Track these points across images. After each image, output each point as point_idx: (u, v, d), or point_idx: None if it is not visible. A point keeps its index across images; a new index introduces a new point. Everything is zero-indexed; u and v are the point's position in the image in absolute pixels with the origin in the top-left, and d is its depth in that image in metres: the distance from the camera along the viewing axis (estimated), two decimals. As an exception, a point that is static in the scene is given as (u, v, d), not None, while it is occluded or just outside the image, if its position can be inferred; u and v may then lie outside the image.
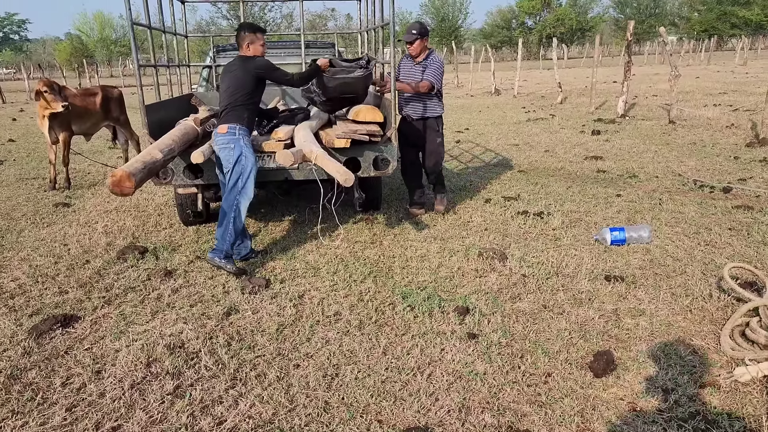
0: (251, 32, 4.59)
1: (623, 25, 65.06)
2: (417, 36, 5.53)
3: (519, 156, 9.10)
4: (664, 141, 9.90)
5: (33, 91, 7.25)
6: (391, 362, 3.22)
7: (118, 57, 63.03)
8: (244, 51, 4.62)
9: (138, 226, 5.82)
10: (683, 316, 3.66)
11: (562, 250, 4.84)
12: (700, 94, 17.17)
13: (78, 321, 3.76)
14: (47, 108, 6.99)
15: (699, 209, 5.82)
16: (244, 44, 4.59)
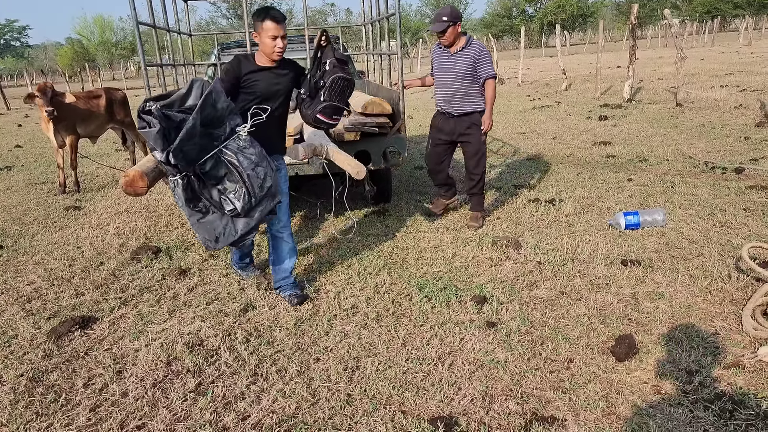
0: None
1: (625, 9, 64.84)
2: (449, 23, 4.79)
3: (527, 144, 9.06)
4: (672, 124, 9.83)
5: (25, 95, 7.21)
6: (411, 353, 3.21)
7: (119, 59, 63.13)
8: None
9: (150, 226, 5.82)
10: (703, 298, 3.64)
11: (577, 236, 4.82)
12: (706, 76, 17.03)
13: (96, 322, 3.76)
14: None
15: (712, 191, 5.78)
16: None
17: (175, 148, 2.96)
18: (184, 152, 3.02)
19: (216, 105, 3.11)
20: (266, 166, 3.30)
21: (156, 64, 5.86)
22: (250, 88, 3.50)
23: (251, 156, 3.23)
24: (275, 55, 3.47)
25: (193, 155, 3.08)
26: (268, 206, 3.39)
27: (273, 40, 3.40)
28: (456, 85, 4.94)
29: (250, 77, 3.49)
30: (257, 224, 3.42)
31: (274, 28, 3.38)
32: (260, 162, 3.26)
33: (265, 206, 3.37)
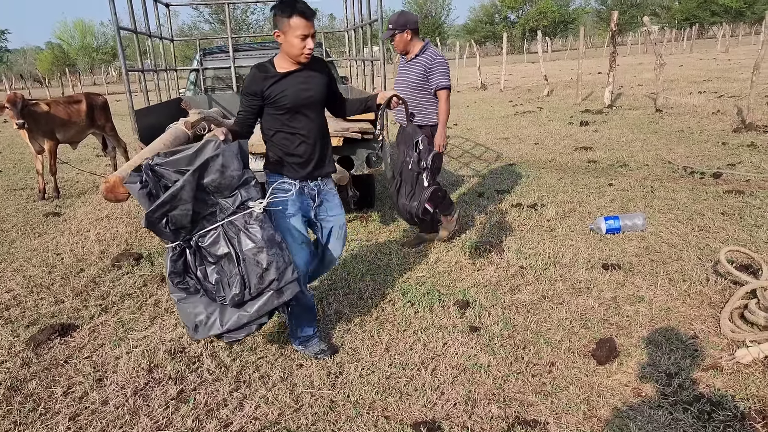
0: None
1: (605, 16, 65.65)
2: (394, 30, 4.53)
3: (509, 149, 9.12)
4: (652, 129, 9.96)
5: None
6: (394, 358, 3.22)
7: (100, 64, 62.56)
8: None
9: (131, 232, 5.77)
10: (682, 301, 3.68)
11: (558, 240, 4.86)
12: (684, 82, 17.28)
13: (76, 330, 3.72)
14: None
15: (691, 195, 5.86)
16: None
17: (153, 210, 2.54)
18: (169, 218, 2.59)
19: (225, 171, 2.63)
20: (275, 254, 2.70)
21: (137, 69, 5.83)
22: (277, 102, 2.92)
23: (256, 237, 2.68)
24: (303, 57, 2.90)
25: (185, 223, 2.64)
26: (271, 303, 2.75)
27: (302, 39, 2.83)
28: (408, 95, 4.50)
29: (274, 88, 2.91)
30: (252, 322, 2.80)
31: (303, 26, 2.81)
32: (267, 248, 2.68)
33: (266, 302, 2.75)
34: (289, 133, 3.01)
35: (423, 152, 3.19)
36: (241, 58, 7.09)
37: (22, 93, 7.15)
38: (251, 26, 59.97)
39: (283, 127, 3.00)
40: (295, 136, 3.02)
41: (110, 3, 4.58)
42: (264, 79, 2.92)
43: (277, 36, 2.89)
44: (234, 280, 2.70)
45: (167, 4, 6.85)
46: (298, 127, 3.01)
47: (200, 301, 2.82)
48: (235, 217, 2.70)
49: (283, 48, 2.91)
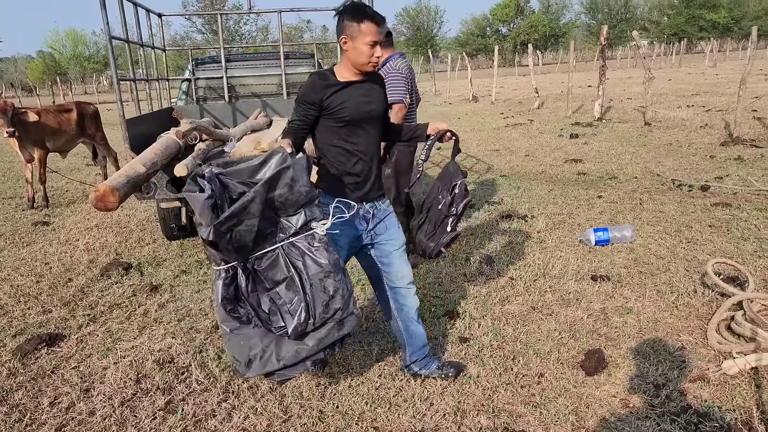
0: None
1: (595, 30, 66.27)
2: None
3: (500, 161, 9.18)
4: (641, 142, 10.05)
5: None
6: (384, 369, 3.22)
7: (91, 73, 62.45)
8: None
9: (120, 242, 5.75)
10: (670, 313, 3.71)
11: (548, 252, 4.88)
12: (673, 96, 17.47)
13: (63, 340, 3.70)
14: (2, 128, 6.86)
15: (679, 208, 5.92)
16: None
17: (221, 222, 2.27)
18: (234, 233, 2.32)
19: (294, 186, 2.39)
20: (341, 281, 2.47)
21: (129, 78, 5.83)
22: (336, 114, 2.70)
23: (322, 263, 2.43)
24: (371, 66, 2.70)
25: (247, 241, 2.37)
26: (333, 336, 2.51)
27: (371, 47, 2.64)
28: None
29: (334, 98, 2.69)
30: (309, 357, 2.52)
31: (374, 32, 2.63)
32: (333, 273, 2.44)
33: (327, 334, 2.50)
34: (346, 149, 2.76)
35: (457, 197, 3.05)
36: (234, 68, 7.11)
37: (12, 101, 7.13)
38: (244, 36, 60.12)
39: (339, 142, 2.75)
40: (353, 153, 2.77)
41: (103, 13, 4.59)
42: (324, 87, 2.69)
43: (343, 42, 2.67)
44: (296, 308, 2.43)
45: (160, 15, 6.87)
46: (356, 142, 2.77)
47: (255, 332, 2.48)
48: (297, 238, 2.44)
49: (347, 55, 2.69)
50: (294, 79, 7.23)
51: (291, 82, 7.19)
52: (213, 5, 56.16)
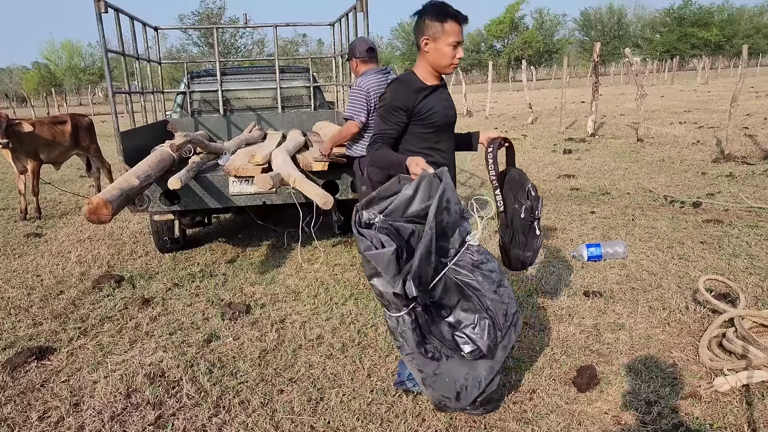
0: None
1: (588, 46, 66.91)
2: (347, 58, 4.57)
3: (493, 176, 9.19)
4: (633, 158, 10.11)
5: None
6: (376, 384, 3.21)
7: (87, 85, 62.49)
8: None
9: (113, 254, 5.73)
10: (661, 329, 3.72)
11: (541, 267, 4.89)
12: (665, 113, 17.61)
13: (53, 353, 3.67)
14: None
15: (671, 224, 5.95)
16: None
17: (415, 273, 2.19)
18: (421, 277, 2.25)
19: (449, 207, 2.34)
20: (508, 285, 2.49)
21: (124, 91, 5.84)
22: (427, 119, 2.61)
23: (491, 274, 2.40)
24: (451, 68, 2.65)
25: (427, 279, 2.29)
26: (512, 340, 2.52)
27: (454, 48, 2.56)
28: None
29: (426, 103, 2.60)
30: (498, 372, 2.51)
31: (457, 32, 2.54)
32: (502, 281, 2.45)
33: (509, 340, 2.49)
34: (434, 156, 2.65)
35: (534, 199, 3.01)
36: (229, 81, 7.14)
37: (6, 112, 7.12)
38: (239, 50, 60.34)
39: (427, 149, 2.65)
40: (440, 159, 2.67)
41: (99, 26, 4.61)
42: (415, 91, 2.59)
43: (425, 43, 2.57)
44: (482, 326, 2.35)
45: (156, 28, 6.90)
46: (442, 149, 2.69)
47: (452, 364, 2.40)
48: (458, 257, 2.38)
49: (428, 57, 2.60)
50: (289, 93, 7.27)
51: (286, 96, 7.23)
52: (209, 19, 56.41)
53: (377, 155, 2.66)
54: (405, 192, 2.32)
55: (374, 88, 4.26)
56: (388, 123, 2.60)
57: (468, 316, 2.35)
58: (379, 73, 4.36)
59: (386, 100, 2.61)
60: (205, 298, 4.51)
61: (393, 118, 2.59)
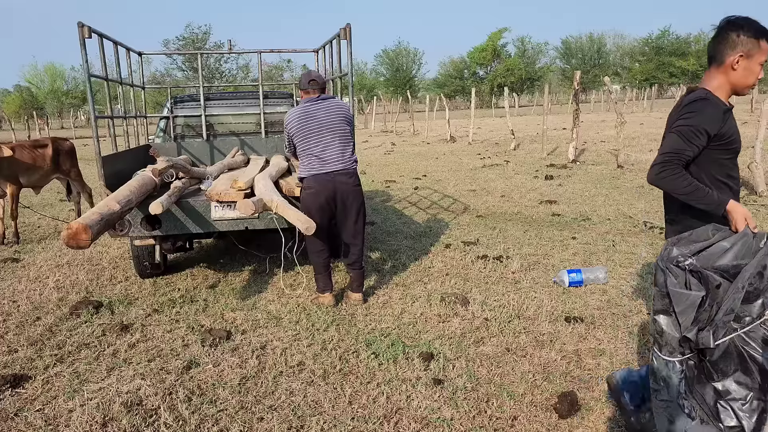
0: None
1: (570, 74, 68.00)
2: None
3: (476, 201, 9.28)
4: (613, 185, 10.25)
5: None
6: (357, 411, 3.18)
7: (69, 108, 62.16)
8: None
9: (92, 280, 5.66)
10: (641, 355, 3.74)
11: (522, 292, 4.91)
12: (645, 140, 17.92)
13: (28, 381, 3.59)
14: None
15: (650, 249, 6.02)
16: None
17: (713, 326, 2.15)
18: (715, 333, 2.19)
19: (764, 273, 2.20)
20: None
21: (106, 116, 5.83)
22: (729, 144, 2.39)
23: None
24: (747, 90, 2.46)
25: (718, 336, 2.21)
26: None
27: (761, 68, 2.38)
28: None
29: (728, 127, 2.38)
30: None
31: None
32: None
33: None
34: (730, 185, 2.44)
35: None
36: (212, 106, 7.16)
37: None
38: (224, 74, 60.54)
39: (725, 178, 2.43)
40: (735, 188, 2.47)
41: (82, 51, 4.62)
42: (723, 113, 2.36)
43: (737, 60, 2.34)
44: (752, 405, 2.22)
45: (140, 53, 6.92)
46: (736, 176, 2.46)
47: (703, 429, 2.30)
48: (752, 327, 2.24)
49: (734, 76, 2.38)
50: (272, 119, 7.29)
51: (269, 121, 7.25)
52: (194, 44, 56.61)
53: (680, 182, 2.35)
54: (721, 243, 2.25)
55: (294, 118, 4.68)
56: (689, 144, 2.34)
57: (740, 390, 2.23)
58: (309, 102, 4.71)
59: (692, 119, 2.35)
60: (186, 324, 4.46)
61: (696, 141, 2.33)
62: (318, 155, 4.59)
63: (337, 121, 4.68)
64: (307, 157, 4.63)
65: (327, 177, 4.57)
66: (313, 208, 4.56)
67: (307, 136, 4.63)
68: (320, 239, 4.73)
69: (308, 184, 4.62)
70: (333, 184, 4.58)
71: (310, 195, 4.60)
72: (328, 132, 4.64)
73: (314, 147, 4.61)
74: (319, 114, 4.67)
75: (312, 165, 4.61)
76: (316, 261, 4.83)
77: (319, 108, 4.69)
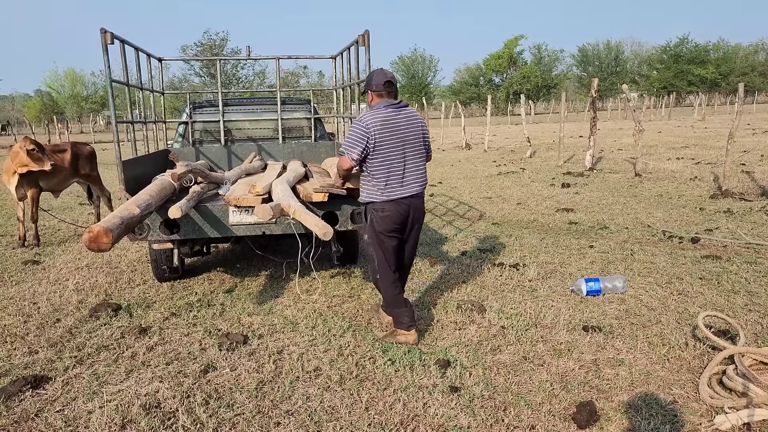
0: None
1: (586, 82, 67.68)
2: (363, 90, 4.32)
3: (492, 209, 9.25)
4: (631, 193, 10.17)
5: (9, 147, 7.13)
6: (373, 418, 3.17)
7: (88, 113, 62.93)
8: None
9: (111, 283, 5.71)
10: (661, 365, 3.70)
11: (540, 301, 4.88)
12: (663, 148, 17.76)
13: (49, 382, 3.63)
14: (25, 166, 6.92)
15: (669, 259, 5.96)
16: None
17: None
18: None
19: None
20: None
21: (127, 120, 5.90)
22: None
23: None
24: None
25: None
26: None
27: None
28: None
29: None
30: None
31: None
32: None
33: None
34: None
35: None
36: (230, 112, 7.21)
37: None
38: (241, 80, 60.98)
39: None
40: None
41: (105, 56, 4.68)
42: None
43: None
44: None
45: (160, 59, 6.99)
46: None
47: None
48: None
49: None
50: (290, 124, 7.33)
51: (286, 127, 7.29)
52: (212, 50, 57.13)
53: None
54: None
55: (377, 124, 3.95)
56: None
57: None
58: (390, 107, 4.05)
59: None
60: (203, 327, 4.49)
61: None
62: (399, 176, 4.02)
63: (419, 135, 4.11)
64: (384, 178, 4.01)
65: (405, 201, 4.06)
66: (387, 232, 4.09)
67: (389, 152, 3.99)
68: (392, 268, 4.18)
69: (382, 207, 4.05)
70: (408, 207, 4.09)
71: (385, 219, 4.06)
72: (411, 148, 4.07)
73: (396, 166, 4.01)
74: (402, 125, 4.03)
75: (391, 188, 4.02)
76: (393, 294, 4.21)
77: (401, 118, 4.05)
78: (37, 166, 6.91)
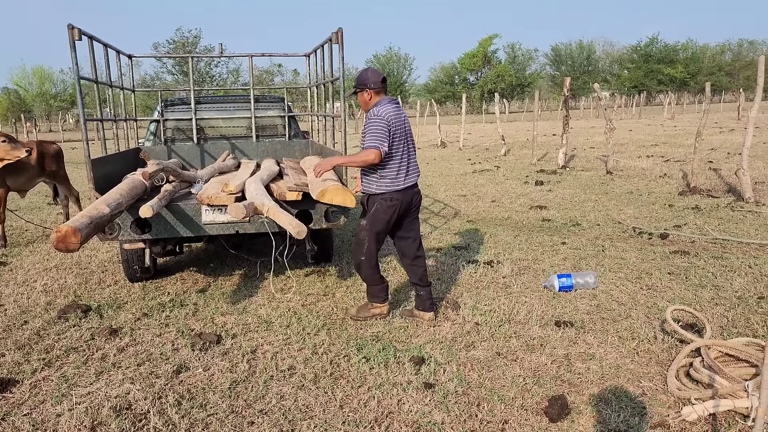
0: None
1: (559, 81, 68.39)
2: (354, 89, 4.40)
3: (467, 206, 9.30)
4: (603, 190, 10.31)
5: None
6: (348, 416, 3.17)
7: (57, 111, 61.71)
8: None
9: (80, 283, 5.61)
10: (631, 359, 3.76)
11: (513, 297, 4.93)
12: (633, 146, 18.05)
13: (16, 385, 3.56)
14: (1, 160, 6.76)
15: (639, 255, 6.06)
16: None
17: None
18: None
19: None
20: None
21: (96, 118, 5.80)
22: None
23: None
24: None
25: None
26: None
27: None
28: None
29: None
30: None
31: None
32: None
33: None
34: None
35: None
36: (203, 110, 7.14)
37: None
38: (214, 78, 60.37)
39: None
40: None
41: (72, 53, 4.60)
42: None
43: None
44: None
45: (130, 56, 6.89)
46: None
47: None
48: None
49: None
50: (264, 123, 7.29)
51: (260, 125, 7.25)
52: (184, 47, 56.44)
53: None
54: None
55: (392, 117, 4.15)
56: None
57: None
58: (391, 104, 4.26)
59: None
60: (175, 328, 4.44)
61: None
62: (405, 167, 4.26)
63: (410, 128, 4.40)
64: (396, 169, 4.22)
65: (410, 190, 4.31)
66: (390, 221, 4.30)
67: (398, 144, 4.22)
68: (377, 256, 4.46)
69: (392, 196, 4.23)
70: (411, 196, 4.34)
71: (391, 208, 4.25)
72: (411, 140, 4.38)
73: (403, 158, 4.26)
74: (403, 119, 4.29)
75: (401, 178, 4.24)
76: (373, 275, 4.46)
77: (401, 113, 4.30)
78: (14, 156, 6.74)
